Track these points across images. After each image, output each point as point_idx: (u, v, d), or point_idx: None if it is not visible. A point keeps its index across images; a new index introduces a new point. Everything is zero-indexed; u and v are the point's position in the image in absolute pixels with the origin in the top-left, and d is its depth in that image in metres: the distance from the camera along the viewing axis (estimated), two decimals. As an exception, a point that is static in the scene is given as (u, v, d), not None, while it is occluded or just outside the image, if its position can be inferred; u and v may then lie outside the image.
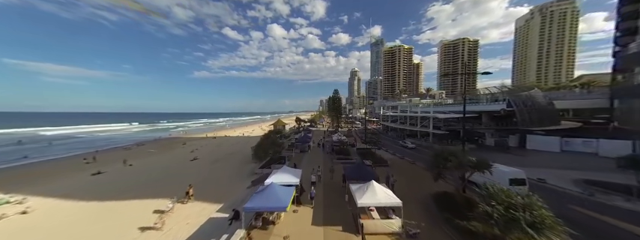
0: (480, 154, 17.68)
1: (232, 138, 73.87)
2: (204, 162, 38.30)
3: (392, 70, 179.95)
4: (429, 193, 16.80)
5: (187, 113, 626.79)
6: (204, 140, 69.90)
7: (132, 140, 71.08)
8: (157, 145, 60.26)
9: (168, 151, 51.40)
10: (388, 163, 27.39)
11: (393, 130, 60.86)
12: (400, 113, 59.77)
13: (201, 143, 62.57)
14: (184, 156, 44.49)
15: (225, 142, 63.38)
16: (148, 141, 68.92)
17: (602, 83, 53.27)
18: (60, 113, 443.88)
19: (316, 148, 40.32)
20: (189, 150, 51.12)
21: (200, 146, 57.20)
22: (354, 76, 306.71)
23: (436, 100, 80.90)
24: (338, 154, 32.02)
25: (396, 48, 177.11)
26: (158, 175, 29.82)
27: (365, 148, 34.56)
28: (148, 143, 64.79)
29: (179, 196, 20.35)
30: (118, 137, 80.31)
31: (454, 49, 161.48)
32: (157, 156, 46.20)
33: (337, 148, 34.94)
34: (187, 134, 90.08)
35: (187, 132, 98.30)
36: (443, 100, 73.56)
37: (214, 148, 53.15)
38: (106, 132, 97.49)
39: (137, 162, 39.60)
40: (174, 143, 62.74)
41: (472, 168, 13.53)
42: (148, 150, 52.28)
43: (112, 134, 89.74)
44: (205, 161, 38.92)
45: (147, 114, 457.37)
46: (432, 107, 44.39)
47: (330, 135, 58.69)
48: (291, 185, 15.59)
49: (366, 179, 15.29)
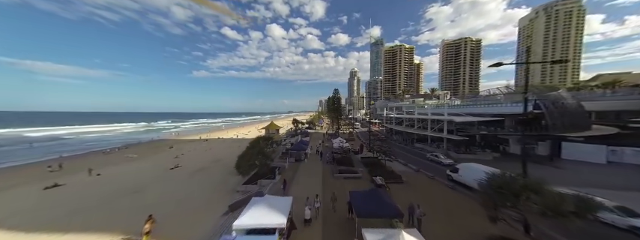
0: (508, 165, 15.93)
1: (225, 140, 68.24)
2: (185, 172, 32.73)
3: (392, 70, 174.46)
4: (476, 238, 11.26)
5: (186, 113, 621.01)
6: (195, 143, 64.26)
7: (118, 142, 65.41)
8: (140, 149, 54.57)
9: (150, 157, 45.78)
10: (402, 178, 21.82)
11: (398, 134, 55.30)
12: (406, 115, 54.19)
13: (190, 147, 56.95)
14: (166, 163, 38.95)
15: (216, 146, 57.79)
16: (133, 144, 63.23)
17: (627, 82, 48.02)
18: (56, 113, 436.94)
19: (314, 156, 34.76)
20: (173, 155, 45.54)
21: (187, 150, 51.62)
22: (353, 77, 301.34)
23: (441, 101, 75.42)
24: (339, 165, 26.49)
25: (397, 47, 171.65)
26: (124, 191, 24.19)
27: (371, 157, 28.98)
28: (133, 147, 59.08)
29: (135, 232, 14.65)
30: (105, 139, 74.53)
31: (456, 49, 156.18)
32: (135, 163, 40.56)
33: (338, 156, 29.38)
34: (179, 136, 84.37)
35: (180, 133, 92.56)
36: (450, 101, 68.03)
37: (201, 153, 47.53)
38: (96, 133, 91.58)
39: (108, 171, 34.06)
40: (161, 147, 57.07)
41: (573, 215, 7.88)
42: (128, 155, 46.59)
43: (101, 136, 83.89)
44: (186, 171, 33.34)
45: (146, 114, 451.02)
46: (446, 108, 38.91)
47: (330, 138, 53.14)
48: (270, 233, 10.00)
49: (385, 214, 11.18)
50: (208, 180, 27.10)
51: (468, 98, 54.07)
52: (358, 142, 51.36)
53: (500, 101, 38.56)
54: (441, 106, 51.21)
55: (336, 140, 38.88)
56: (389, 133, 63.96)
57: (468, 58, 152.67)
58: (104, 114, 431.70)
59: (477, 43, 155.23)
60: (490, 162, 28.85)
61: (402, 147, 42.30)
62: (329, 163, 29.54)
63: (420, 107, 69.26)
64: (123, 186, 25.88)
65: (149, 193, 22.94)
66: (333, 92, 62.79)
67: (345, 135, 57.36)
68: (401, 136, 53.01)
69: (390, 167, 24.98)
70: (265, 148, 22.81)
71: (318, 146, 39.60)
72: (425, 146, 40.28)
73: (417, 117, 46.67)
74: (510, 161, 29.78)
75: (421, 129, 44.20)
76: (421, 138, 43.35)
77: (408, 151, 39.94)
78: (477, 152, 30.65)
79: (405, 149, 41.74)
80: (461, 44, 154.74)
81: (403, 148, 41.72)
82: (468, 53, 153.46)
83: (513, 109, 32.60)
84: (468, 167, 20.35)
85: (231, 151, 46.01)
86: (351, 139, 51.60)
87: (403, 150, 41.06)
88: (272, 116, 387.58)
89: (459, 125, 36.21)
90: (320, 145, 45.68)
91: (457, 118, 33.08)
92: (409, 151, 39.45)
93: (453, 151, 33.01)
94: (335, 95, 62.91)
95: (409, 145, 44.88)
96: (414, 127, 49.95)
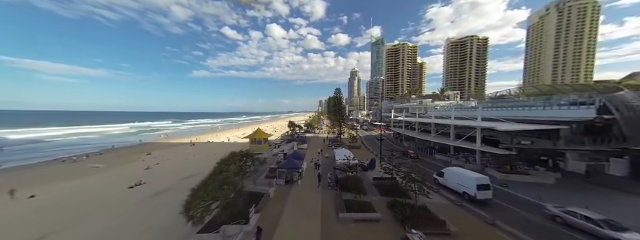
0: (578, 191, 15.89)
1: (214, 145, 60.16)
2: (144, 193, 24.89)
3: (395, 70, 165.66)
4: None
5: (187, 113, 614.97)
6: (179, 148, 56.22)
7: (95, 147, 57.44)
8: (113, 157, 46.54)
9: (117, 168, 37.78)
10: (446, 225, 13.64)
11: (409, 140, 47.01)
12: (420, 119, 45.85)
13: (172, 153, 48.90)
14: (131, 177, 31.19)
15: (200, 152, 49.69)
16: (108, 149, 55.10)
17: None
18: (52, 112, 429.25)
19: (311, 172, 26.63)
20: (145, 166, 37.60)
21: (165, 159, 43.61)
22: (354, 77, 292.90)
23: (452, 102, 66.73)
24: (345, 190, 18.38)
25: (400, 46, 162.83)
26: (43, 229, 16.40)
27: (387, 178, 20.72)
28: (108, 153, 51.06)
29: None
30: (85, 143, 66.59)
31: (462, 48, 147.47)
32: (93, 176, 32.58)
33: (343, 177, 21.14)
34: (167, 138, 76.34)
35: (169, 136, 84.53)
36: (464, 102, 59.54)
37: (179, 164, 39.47)
38: (80, 135, 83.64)
39: (51, 190, 26.34)
40: (138, 153, 48.97)
41: None
42: (92, 165, 38.57)
43: (83, 139, 75.90)
44: (146, 192, 25.49)
45: (146, 113, 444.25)
46: (480, 110, 30.56)
47: (330, 145, 44.91)
48: None
49: None
50: (165, 212, 18.98)
51: (493, 99, 45.65)
52: (364, 150, 43.12)
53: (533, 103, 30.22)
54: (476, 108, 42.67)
55: (339, 151, 30.70)
56: (397, 138, 55.69)
57: (474, 58, 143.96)
58: (103, 113, 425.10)
59: (484, 42, 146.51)
60: (553, 187, 20.60)
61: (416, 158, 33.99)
62: (331, 186, 21.38)
63: (430, 109, 60.93)
64: (46, 220, 18.10)
65: (76, 234, 15.17)
66: (335, 92, 54.54)
67: (348, 140, 49.16)
68: (413, 143, 44.73)
69: (417, 197, 16.72)
70: (235, 176, 14.65)
71: (317, 158, 31.41)
72: (448, 158, 32.04)
73: (435, 121, 38.39)
74: (578, 184, 21.55)
75: (441, 136, 35.87)
76: (442, 148, 35.08)
77: (428, 164, 31.72)
78: (530, 172, 22.44)
79: (422, 161, 33.47)
80: (466, 43, 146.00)
81: (420, 159, 33.44)
82: (474, 52, 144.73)
83: (570, 113, 24.28)
84: (452, 171, 20.26)
85: (214, 160, 37.89)
86: (356, 146, 43.44)
87: (421, 163, 32.81)
88: (272, 116, 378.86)
89: (494, 133, 27.87)
90: (319, 155, 37.56)
91: (499, 125, 24.70)
92: (429, 164, 31.20)
93: (492, 168, 24.79)
94: (337, 95, 54.55)
95: (426, 155, 36.66)
96: (430, 133, 41.70)
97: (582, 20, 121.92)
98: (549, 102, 26.72)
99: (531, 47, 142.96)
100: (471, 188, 17.66)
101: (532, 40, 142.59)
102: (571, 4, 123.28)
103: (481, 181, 17.63)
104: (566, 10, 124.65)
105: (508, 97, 49.61)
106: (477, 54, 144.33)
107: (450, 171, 20.59)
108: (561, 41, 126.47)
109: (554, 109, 25.49)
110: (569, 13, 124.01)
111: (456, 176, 18.29)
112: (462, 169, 21.59)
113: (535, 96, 46.01)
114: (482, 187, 17.37)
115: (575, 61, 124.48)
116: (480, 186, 17.33)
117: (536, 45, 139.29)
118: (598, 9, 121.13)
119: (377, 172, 25.63)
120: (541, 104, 28.48)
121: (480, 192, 17.19)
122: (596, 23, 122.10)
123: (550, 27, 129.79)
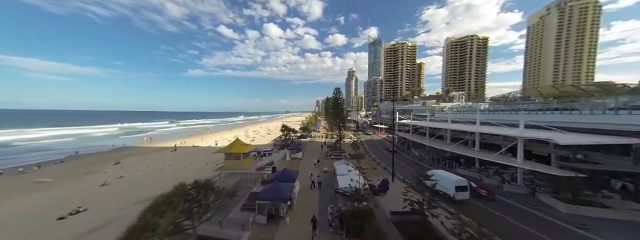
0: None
1: (198, 150, 52.77)
2: (74, 230, 17.69)
3: (394, 70, 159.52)
4: None
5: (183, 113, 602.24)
6: (158, 154, 48.72)
7: (62, 153, 49.50)
8: (73, 166, 38.88)
9: (68, 182, 30.37)
10: None
11: (418, 147, 40.48)
12: (432, 123, 39.28)
13: (144, 162, 41.41)
14: (73, 198, 23.91)
15: (180, 160, 42.36)
16: (72, 157, 47.15)
17: None
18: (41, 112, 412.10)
19: (305, 195, 19.80)
20: (103, 180, 30.18)
21: (134, 169, 36.24)
22: (351, 77, 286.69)
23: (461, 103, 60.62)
24: (352, 236, 11.66)
25: (399, 46, 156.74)
26: None
27: (408, 212, 13.98)
28: (70, 161, 43.29)
29: None
30: (56, 147, 58.34)
31: (461, 48, 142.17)
32: (27, 197, 25.27)
33: (348, 209, 14.30)
34: (149, 142, 68.44)
35: (153, 138, 76.51)
36: (474, 104, 53.48)
37: (146, 177, 32.10)
38: (58, 138, 75.06)
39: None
40: (104, 162, 41.32)
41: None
42: (38, 179, 30.95)
43: (58, 142, 67.46)
44: (80, 225, 18.39)
45: (141, 113, 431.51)
46: (522, 115, 23.96)
47: (329, 153, 38.02)
48: None
49: None
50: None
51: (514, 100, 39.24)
52: (369, 160, 36.37)
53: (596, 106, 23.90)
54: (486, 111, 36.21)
55: (341, 166, 23.87)
56: (403, 143, 49.18)
57: (474, 58, 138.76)
58: (95, 113, 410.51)
59: (484, 42, 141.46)
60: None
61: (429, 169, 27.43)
62: (332, 226, 14.55)
63: (438, 111, 54.60)
64: None
65: None
66: (334, 92, 47.36)
67: (349, 146, 42.39)
68: (424, 151, 38.18)
69: None
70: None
71: (316, 175, 24.53)
72: (475, 174, 25.52)
73: (453, 127, 31.83)
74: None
75: (462, 146, 29.24)
76: (467, 161, 28.46)
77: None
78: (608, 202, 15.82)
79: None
80: (466, 42, 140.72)
81: None
82: (474, 52, 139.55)
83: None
84: (437, 174, 20.54)
85: (192, 173, 30.77)
86: (359, 155, 36.72)
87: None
88: (270, 116, 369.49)
89: (558, 149, 20.96)
90: (316, 166, 30.70)
91: (558, 136, 17.95)
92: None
93: (545, 193, 18.24)
94: (336, 96, 47.47)
95: (443, 166, 30.11)
96: (443, 139, 35.23)
97: (583, 20, 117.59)
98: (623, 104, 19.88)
99: (531, 48, 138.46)
100: (450, 189, 18.85)
101: (532, 40, 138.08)
102: (572, 4, 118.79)
103: (459, 183, 18.85)
104: (567, 9, 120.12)
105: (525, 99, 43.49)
106: (477, 54, 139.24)
107: (435, 174, 20.92)
108: (562, 41, 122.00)
109: (634, 114, 18.50)
110: (571, 12, 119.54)
111: (440, 179, 18.62)
112: (445, 172, 21.95)
113: (554, 97, 40.03)
114: (460, 188, 18.62)
115: (576, 61, 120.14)
116: (458, 188, 18.57)
117: (537, 45, 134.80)
118: (599, 9, 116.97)
119: (392, 197, 18.93)
120: (600, 107, 21.83)
121: (458, 193, 18.49)
122: (598, 23, 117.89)
123: (551, 27, 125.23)
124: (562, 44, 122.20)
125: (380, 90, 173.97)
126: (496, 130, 24.44)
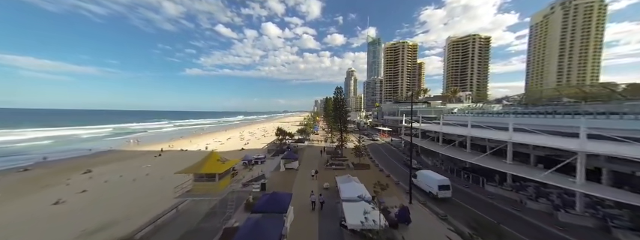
0: None
1: (185, 155, 47.26)
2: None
3: (395, 69, 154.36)
4: None
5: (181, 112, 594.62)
6: (138, 160, 43.25)
7: (33, 158, 43.92)
8: (35, 175, 33.28)
9: (13, 199, 24.83)
10: None
11: (431, 156, 35.34)
12: (446, 128, 34.16)
13: (120, 169, 35.87)
14: (7, 224, 18.58)
15: (160, 167, 36.89)
16: (40, 163, 41.48)
17: None
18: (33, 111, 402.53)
19: (303, 221, 14.71)
20: (57, 197, 24.71)
21: (104, 180, 30.77)
22: (350, 77, 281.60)
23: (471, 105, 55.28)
24: None
25: (400, 44, 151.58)
26: None
27: None
28: (36, 168, 37.64)
29: None
30: (31, 151, 52.69)
31: (463, 47, 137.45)
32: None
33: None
34: (135, 145, 62.79)
35: (141, 141, 70.80)
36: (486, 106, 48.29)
37: (114, 192, 26.67)
38: (38, 140, 69.13)
39: None
40: (72, 170, 35.69)
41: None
42: (-18, 195, 25.45)
43: (35, 145, 61.66)
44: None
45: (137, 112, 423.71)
46: (583, 120, 18.66)
47: (329, 162, 32.74)
48: None
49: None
50: None
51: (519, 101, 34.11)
52: (376, 171, 31.18)
53: None
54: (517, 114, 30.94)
55: (347, 184, 18.67)
56: (408, 147, 44.13)
57: (476, 57, 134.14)
58: (90, 112, 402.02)
59: (486, 41, 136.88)
60: None
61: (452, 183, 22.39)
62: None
63: (447, 113, 49.58)
64: None
65: None
66: (335, 92, 41.83)
67: (351, 151, 37.20)
68: (438, 160, 33.08)
69: None
70: None
71: (319, 195, 19.37)
72: (507, 193, 20.47)
73: (473, 134, 26.72)
74: None
75: (490, 157, 24.14)
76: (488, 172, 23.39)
77: (476, 200, 20.19)
78: None
79: (463, 192, 21.87)
80: (468, 42, 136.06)
81: (455, 187, 21.78)
82: (476, 51, 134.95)
83: None
84: (422, 174, 22.55)
85: (167, 185, 25.45)
86: (363, 165, 31.57)
87: (462, 194, 21.20)
88: (269, 116, 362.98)
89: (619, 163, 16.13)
90: (314, 178, 25.60)
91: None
92: (483, 205, 19.60)
93: (626, 229, 13.27)
94: (338, 96, 41.94)
95: (465, 180, 25.08)
96: (458, 145, 30.20)
97: (589, 19, 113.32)
98: None
99: (534, 47, 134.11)
100: (433, 188, 20.33)
101: (535, 39, 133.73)
102: (577, 3, 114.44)
103: (442, 182, 20.19)
104: (572, 8, 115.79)
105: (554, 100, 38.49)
106: (479, 54, 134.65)
107: (421, 174, 22.64)
108: (567, 41, 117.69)
109: None
110: (576, 11, 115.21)
111: (425, 178, 20.83)
112: (430, 172, 23.02)
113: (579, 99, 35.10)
114: (443, 187, 20.00)
115: (581, 61, 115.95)
116: (440, 186, 19.96)
117: (540, 45, 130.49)
118: (605, 7, 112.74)
119: (417, 232, 13.86)
120: None
121: (441, 191, 19.85)
122: (603, 22, 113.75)
123: (555, 26, 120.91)
124: (567, 43, 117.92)
125: (380, 90, 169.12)
126: (540, 140, 19.30)
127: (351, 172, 29.27)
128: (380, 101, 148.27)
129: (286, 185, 24.59)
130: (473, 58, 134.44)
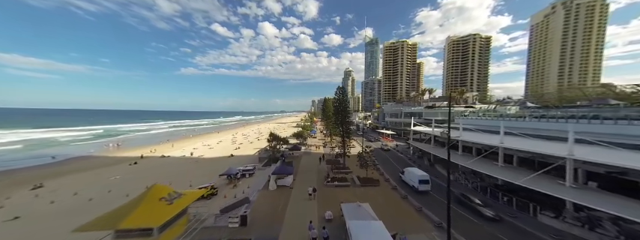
0: None
1: (165, 162, 40.93)
2: None
3: (394, 69, 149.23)
4: None
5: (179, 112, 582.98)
6: (109, 169, 36.79)
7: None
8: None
9: None
10: None
11: (443, 163, 29.67)
12: (469, 134, 28.58)
13: (80, 184, 29.38)
14: None
15: (126, 183, 30.24)
16: None
17: None
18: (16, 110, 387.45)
19: None
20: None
21: (49, 202, 24.29)
22: (348, 77, 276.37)
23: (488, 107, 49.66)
24: None
25: (399, 44, 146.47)
26: None
27: None
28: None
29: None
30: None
31: (464, 47, 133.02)
32: None
33: None
34: (113, 150, 55.84)
35: (122, 144, 63.89)
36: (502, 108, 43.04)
37: (50, 223, 20.29)
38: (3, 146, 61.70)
39: None
40: (22, 184, 29.18)
41: None
42: None
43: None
44: None
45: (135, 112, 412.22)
46: None
47: (329, 178, 26.74)
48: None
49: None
50: None
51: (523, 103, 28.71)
52: (387, 189, 25.39)
53: None
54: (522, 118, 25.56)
55: (359, 224, 12.86)
56: (419, 156, 38.61)
57: (476, 57, 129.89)
58: (84, 112, 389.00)
59: (487, 41, 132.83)
60: None
61: (491, 205, 16.73)
62: None
63: (458, 116, 44.17)
64: None
65: None
66: (337, 92, 35.70)
67: (354, 160, 31.39)
68: (459, 173, 27.45)
69: None
70: None
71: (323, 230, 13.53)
72: (582, 232, 14.97)
73: (510, 146, 21.16)
74: None
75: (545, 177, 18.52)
76: (535, 195, 17.85)
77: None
78: None
79: (511, 226, 16.29)
80: (469, 41, 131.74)
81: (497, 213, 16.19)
82: (477, 51, 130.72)
83: None
84: (408, 171, 25.24)
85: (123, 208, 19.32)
86: (372, 180, 25.85)
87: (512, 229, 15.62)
88: (266, 116, 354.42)
89: None
90: (311, 197, 19.76)
91: None
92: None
93: None
94: (340, 97, 35.78)
95: (506, 205, 19.51)
96: (487, 157, 24.64)
97: (590, 19, 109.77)
98: None
99: (534, 47, 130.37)
100: (415, 182, 22.82)
101: (535, 39, 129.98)
102: (579, 2, 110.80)
103: (422, 177, 22.77)
104: (573, 8, 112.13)
105: (600, 101, 33.34)
106: (479, 54, 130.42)
107: (407, 170, 25.46)
108: (568, 41, 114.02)
109: None
110: (577, 11, 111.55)
111: (410, 175, 23.55)
112: (415, 168, 25.86)
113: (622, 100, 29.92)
114: (423, 181, 22.50)
115: (582, 61, 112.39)
116: (421, 181, 22.46)
117: (541, 45, 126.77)
118: (606, 7, 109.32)
119: None
120: None
121: (421, 185, 22.38)
122: (605, 22, 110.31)
123: (556, 26, 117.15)
124: (568, 44, 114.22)
125: (378, 90, 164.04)
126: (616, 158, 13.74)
127: (357, 190, 23.53)
128: (379, 101, 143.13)
129: (276, 212, 18.66)
130: (473, 58, 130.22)
